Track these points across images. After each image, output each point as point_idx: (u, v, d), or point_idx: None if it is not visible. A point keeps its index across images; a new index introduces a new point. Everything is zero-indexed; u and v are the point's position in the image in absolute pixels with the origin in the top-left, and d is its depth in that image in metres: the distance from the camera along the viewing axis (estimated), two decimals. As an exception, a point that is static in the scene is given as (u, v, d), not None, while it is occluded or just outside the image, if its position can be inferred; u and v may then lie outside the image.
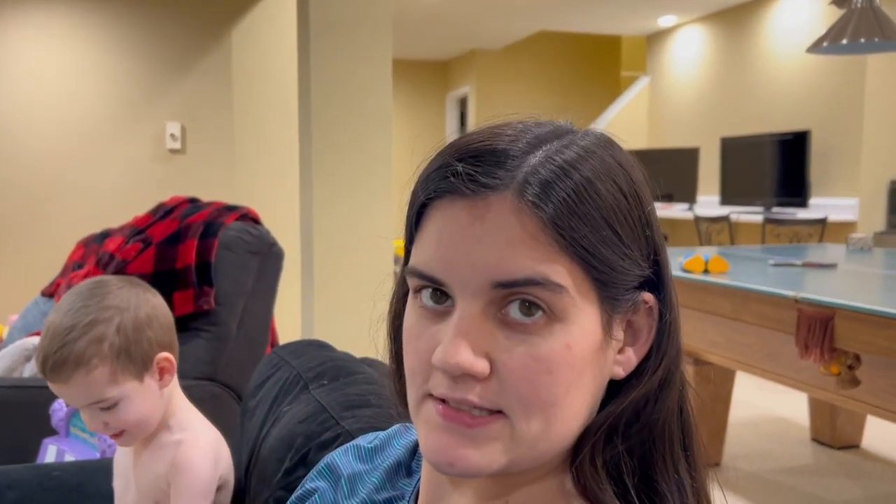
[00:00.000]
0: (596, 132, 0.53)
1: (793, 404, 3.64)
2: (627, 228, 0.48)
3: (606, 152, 0.50)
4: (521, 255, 0.45)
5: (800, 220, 4.68)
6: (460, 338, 0.46)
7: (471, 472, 0.48)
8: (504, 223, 0.46)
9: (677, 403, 0.52)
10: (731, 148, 5.93)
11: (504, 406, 0.47)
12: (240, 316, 2.14)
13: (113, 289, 1.03)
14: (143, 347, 1.03)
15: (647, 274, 0.50)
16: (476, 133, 0.50)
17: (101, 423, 1.02)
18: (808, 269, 2.68)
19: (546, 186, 0.46)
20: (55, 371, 0.98)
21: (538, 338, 0.46)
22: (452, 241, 0.47)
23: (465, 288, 0.47)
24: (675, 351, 0.52)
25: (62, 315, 1.00)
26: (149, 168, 3.76)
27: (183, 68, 3.77)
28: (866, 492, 2.72)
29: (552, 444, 0.49)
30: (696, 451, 0.53)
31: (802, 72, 5.51)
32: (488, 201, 0.46)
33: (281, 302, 2.41)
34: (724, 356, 2.63)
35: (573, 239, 0.46)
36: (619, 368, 0.51)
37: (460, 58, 9.27)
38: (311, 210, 2.59)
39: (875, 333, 1.84)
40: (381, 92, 2.61)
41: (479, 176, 0.47)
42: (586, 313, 0.48)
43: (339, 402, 1.00)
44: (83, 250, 2.59)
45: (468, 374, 0.46)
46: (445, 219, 0.48)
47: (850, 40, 2.97)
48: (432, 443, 0.48)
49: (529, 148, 0.48)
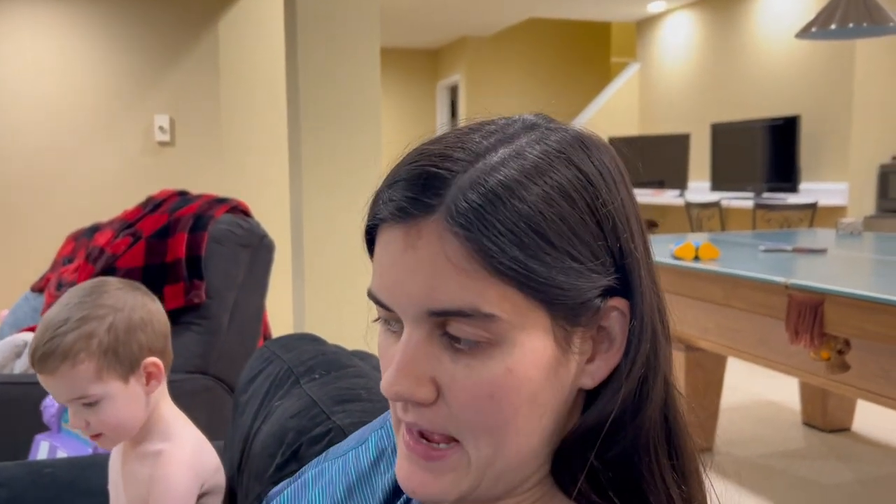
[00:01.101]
0: (566, 133, 0.50)
1: (784, 389, 3.66)
2: (574, 241, 0.45)
3: (556, 156, 0.47)
4: (450, 284, 0.44)
5: (790, 205, 4.69)
6: (402, 364, 0.46)
7: (430, 499, 0.48)
8: (433, 250, 0.45)
9: (661, 412, 0.50)
10: (721, 134, 5.93)
11: (454, 432, 0.47)
12: (231, 309, 2.13)
13: (112, 289, 1.05)
14: (132, 349, 1.03)
15: (609, 282, 0.47)
16: (422, 147, 0.49)
17: (83, 421, 1.03)
18: (798, 254, 2.69)
19: (471, 209, 0.44)
20: (43, 361, 1.00)
21: (478, 362, 0.45)
22: (391, 269, 0.47)
23: (407, 315, 0.47)
24: (653, 357, 0.49)
25: (59, 309, 1.02)
26: (138, 161, 3.74)
27: (171, 60, 3.74)
28: (857, 474, 2.74)
29: (511, 463, 0.48)
30: (686, 459, 0.51)
31: (792, 57, 5.51)
32: (419, 227, 0.45)
33: (272, 295, 2.40)
34: (715, 342, 2.64)
35: (501, 264, 0.44)
36: (588, 379, 0.49)
37: (450, 46, 9.24)
38: (300, 202, 2.59)
39: (864, 318, 1.85)
40: (369, 82, 2.60)
41: (408, 204, 0.46)
42: (531, 333, 0.46)
43: (330, 396, 1.00)
44: (73, 245, 2.57)
45: (415, 402, 0.47)
46: (386, 244, 0.47)
47: (838, 25, 2.98)
48: (399, 469, 0.49)
49: (465, 166, 0.46)
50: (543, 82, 8.78)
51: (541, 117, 0.52)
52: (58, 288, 2.32)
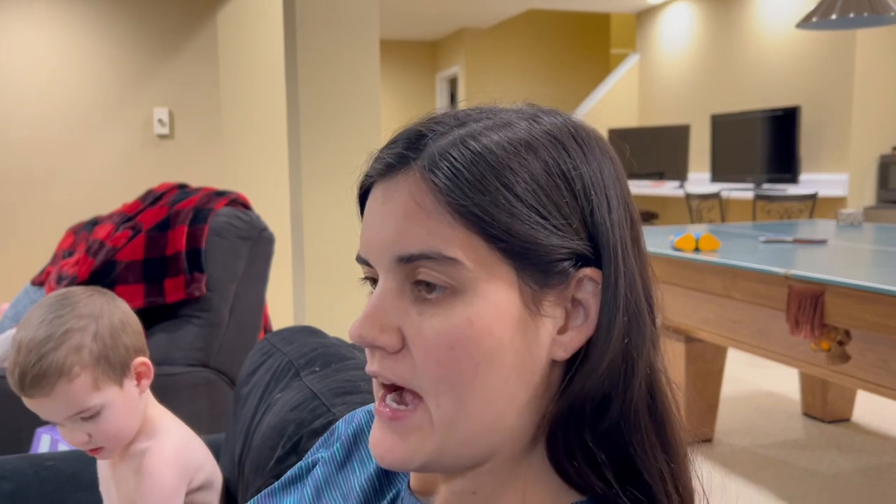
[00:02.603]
0: (556, 116, 0.51)
1: (784, 379, 3.67)
2: (543, 198, 0.47)
3: (536, 126, 0.49)
4: (418, 229, 0.46)
5: (790, 196, 4.69)
6: (371, 311, 0.48)
7: (396, 464, 0.49)
8: (405, 198, 0.47)
9: (646, 389, 0.50)
10: (721, 125, 5.92)
11: (417, 386, 0.48)
12: (231, 301, 2.13)
13: (83, 298, 1.02)
14: (121, 353, 1.02)
15: (578, 247, 0.48)
16: (421, 117, 0.52)
17: (84, 436, 1.01)
18: (798, 245, 2.69)
19: (443, 160, 0.47)
20: (36, 384, 0.96)
21: (441, 311, 0.47)
22: (370, 221, 0.50)
23: (380, 265, 0.49)
24: (635, 333, 0.49)
25: (34, 328, 0.98)
26: (138, 154, 3.74)
27: (170, 53, 3.73)
28: (857, 464, 2.75)
29: (474, 426, 0.47)
30: (673, 436, 0.51)
31: (792, 47, 5.50)
32: (397, 180, 0.48)
33: (272, 287, 2.40)
34: (715, 333, 2.64)
35: (464, 208, 0.46)
36: (560, 350, 0.49)
37: (449, 37, 9.21)
38: (300, 194, 2.58)
39: (864, 309, 1.85)
40: (368, 74, 2.59)
41: (392, 159, 0.49)
42: (496, 286, 0.46)
43: (330, 388, 1.00)
44: (73, 238, 2.57)
45: (377, 347, 0.48)
46: (371, 201, 0.50)
47: (839, 15, 2.97)
48: (371, 437, 0.51)
49: (448, 129, 0.49)
50: (543, 74, 8.76)
51: (532, 106, 0.53)
52: (58, 281, 2.32)
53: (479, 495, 0.52)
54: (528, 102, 0.54)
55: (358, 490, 0.61)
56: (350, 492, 0.62)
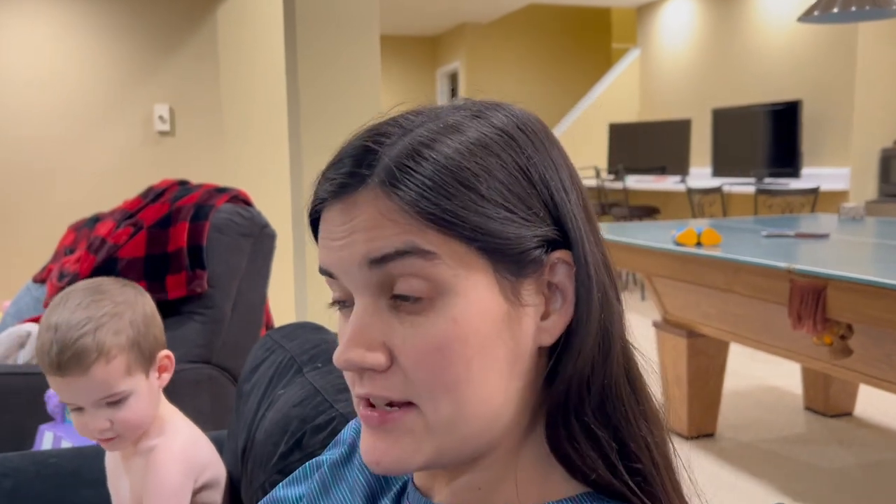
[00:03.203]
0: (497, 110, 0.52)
1: (786, 374, 3.67)
2: (506, 193, 0.47)
3: (485, 125, 0.50)
4: (388, 233, 0.46)
5: (792, 190, 4.68)
6: (353, 334, 0.48)
7: (395, 468, 0.48)
8: (369, 213, 0.47)
9: (623, 361, 0.51)
10: (722, 119, 5.92)
11: (412, 395, 0.47)
12: (233, 298, 2.13)
13: (116, 287, 1.05)
14: (151, 342, 1.05)
15: (547, 232, 0.49)
16: (359, 130, 0.52)
17: (105, 422, 1.01)
18: (800, 239, 2.68)
19: (399, 170, 0.47)
20: (75, 362, 0.97)
21: (424, 318, 0.46)
22: (331, 242, 0.49)
23: (351, 279, 0.48)
24: (607, 307, 0.50)
25: (71, 311, 1.00)
26: (138, 151, 3.74)
27: (169, 49, 3.73)
28: (859, 459, 2.75)
29: (473, 425, 0.48)
30: (650, 405, 0.52)
31: (793, 41, 5.49)
32: (355, 199, 0.48)
33: (274, 283, 2.40)
34: (717, 328, 2.64)
35: (433, 215, 0.46)
36: (546, 336, 0.50)
37: (449, 32, 9.20)
38: (301, 190, 2.58)
39: (867, 303, 1.85)
40: (369, 69, 2.59)
41: (345, 179, 0.49)
42: (474, 283, 0.47)
43: (332, 385, 1.00)
44: (74, 235, 2.57)
45: (367, 369, 0.47)
46: (328, 222, 0.50)
47: (840, 8, 2.96)
48: (362, 446, 0.50)
49: (395, 140, 0.49)
50: (544, 69, 8.75)
51: (469, 101, 0.54)
52: (59, 279, 2.32)
53: (483, 490, 0.52)
54: (464, 98, 0.54)
55: (364, 482, 0.61)
56: (356, 484, 0.62)
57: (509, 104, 0.53)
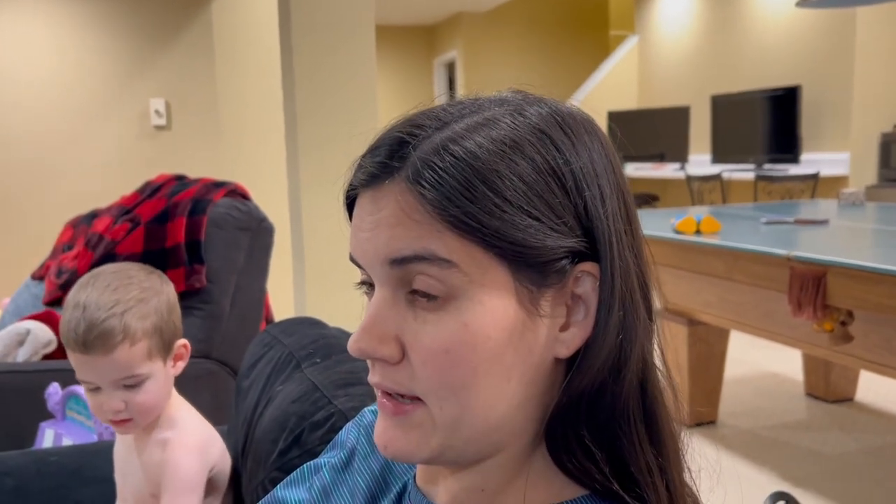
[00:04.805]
0: (541, 105, 0.50)
1: (787, 360, 3.67)
2: (533, 199, 0.46)
3: (521, 121, 0.48)
4: (408, 234, 0.46)
5: (791, 176, 4.67)
6: (367, 324, 0.48)
7: (400, 456, 0.49)
8: (393, 208, 0.47)
9: (638, 384, 0.49)
10: (721, 106, 5.89)
11: (419, 392, 0.47)
12: (232, 293, 2.13)
13: (143, 273, 1.08)
14: (172, 329, 1.07)
15: (575, 244, 0.47)
16: (401, 118, 0.51)
17: (120, 403, 1.03)
18: (800, 226, 2.68)
19: (427, 167, 0.46)
20: (101, 341, 0.99)
21: (436, 317, 0.46)
22: (360, 229, 0.49)
23: (374, 272, 0.49)
24: (631, 326, 0.48)
25: (100, 291, 1.02)
26: (135, 146, 3.72)
27: (165, 43, 3.71)
28: (860, 444, 2.75)
29: (478, 427, 0.47)
30: (661, 431, 0.50)
31: (792, 26, 5.46)
32: (384, 190, 0.48)
33: (272, 278, 2.40)
34: (717, 315, 2.63)
35: (455, 217, 0.45)
36: (562, 347, 0.48)
37: (446, 22, 9.16)
38: (298, 183, 2.57)
39: (867, 290, 1.84)
40: (365, 60, 2.58)
41: (376, 169, 0.48)
42: (491, 291, 0.46)
43: (331, 380, 1.00)
44: (72, 231, 2.57)
45: (378, 359, 0.48)
46: (359, 209, 0.50)
47: (839, -7, 2.94)
48: (375, 429, 0.51)
49: (430, 132, 0.48)
50: (541, 57, 8.72)
51: (518, 93, 0.52)
52: (58, 275, 2.31)
53: (486, 492, 0.52)
54: (513, 90, 0.52)
55: (364, 486, 0.61)
56: (356, 487, 0.62)
57: (554, 100, 0.51)
